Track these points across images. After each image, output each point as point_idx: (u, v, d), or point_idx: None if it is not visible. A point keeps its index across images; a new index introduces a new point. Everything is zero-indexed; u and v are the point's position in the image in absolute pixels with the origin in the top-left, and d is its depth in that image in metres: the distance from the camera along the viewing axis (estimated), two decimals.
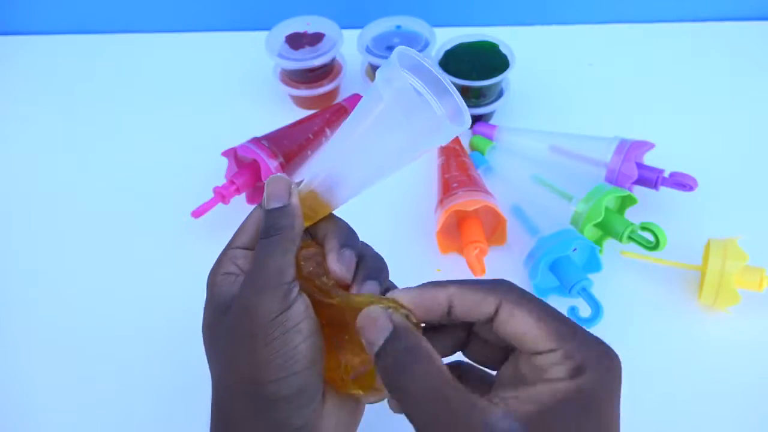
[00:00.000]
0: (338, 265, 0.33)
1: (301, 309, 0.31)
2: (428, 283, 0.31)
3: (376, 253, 0.36)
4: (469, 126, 0.30)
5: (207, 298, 0.34)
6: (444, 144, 0.32)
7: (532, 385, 0.26)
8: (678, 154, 0.60)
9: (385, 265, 0.36)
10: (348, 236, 0.35)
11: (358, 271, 0.34)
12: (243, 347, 0.30)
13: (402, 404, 0.27)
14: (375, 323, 0.29)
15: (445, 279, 0.31)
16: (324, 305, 0.32)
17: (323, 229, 0.35)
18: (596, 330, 0.50)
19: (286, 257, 0.31)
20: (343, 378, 0.33)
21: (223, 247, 0.35)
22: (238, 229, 0.35)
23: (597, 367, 0.26)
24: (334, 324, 0.33)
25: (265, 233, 0.32)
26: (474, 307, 0.29)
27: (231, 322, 0.31)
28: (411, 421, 0.27)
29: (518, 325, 0.28)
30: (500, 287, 0.29)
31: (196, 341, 0.34)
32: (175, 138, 0.70)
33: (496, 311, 0.29)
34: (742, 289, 0.49)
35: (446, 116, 0.30)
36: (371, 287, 0.33)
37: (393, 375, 0.27)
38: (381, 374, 0.28)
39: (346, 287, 0.33)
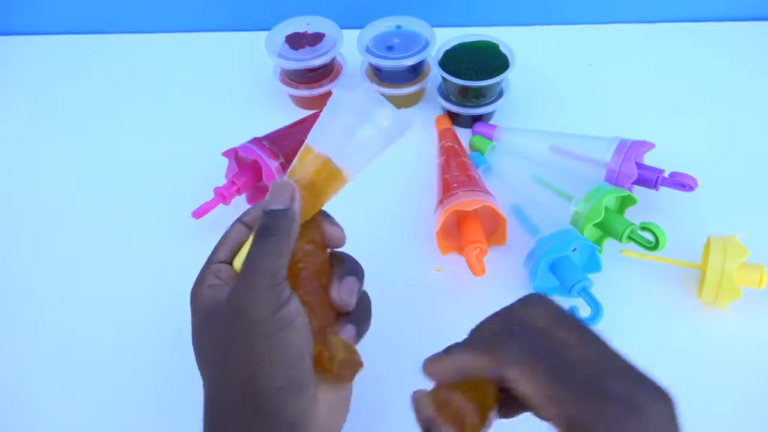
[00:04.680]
0: (337, 294, 0.35)
1: (294, 307, 0.32)
2: (435, 358, 0.32)
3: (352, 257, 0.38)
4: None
5: (192, 308, 0.34)
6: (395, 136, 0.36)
7: None
8: (678, 154, 0.60)
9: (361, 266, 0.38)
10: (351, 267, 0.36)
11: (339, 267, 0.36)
12: (237, 345, 0.31)
13: None
14: None
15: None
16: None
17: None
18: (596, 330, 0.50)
19: (281, 259, 0.32)
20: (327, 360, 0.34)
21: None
22: (220, 243, 0.36)
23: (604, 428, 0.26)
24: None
25: (262, 232, 0.33)
26: (485, 372, 0.30)
27: (224, 323, 0.32)
28: None
29: (522, 389, 0.29)
30: (502, 348, 0.30)
31: None
32: (175, 138, 0.70)
33: (504, 374, 0.29)
34: (742, 287, 0.49)
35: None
36: (350, 283, 0.35)
37: None
38: None
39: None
